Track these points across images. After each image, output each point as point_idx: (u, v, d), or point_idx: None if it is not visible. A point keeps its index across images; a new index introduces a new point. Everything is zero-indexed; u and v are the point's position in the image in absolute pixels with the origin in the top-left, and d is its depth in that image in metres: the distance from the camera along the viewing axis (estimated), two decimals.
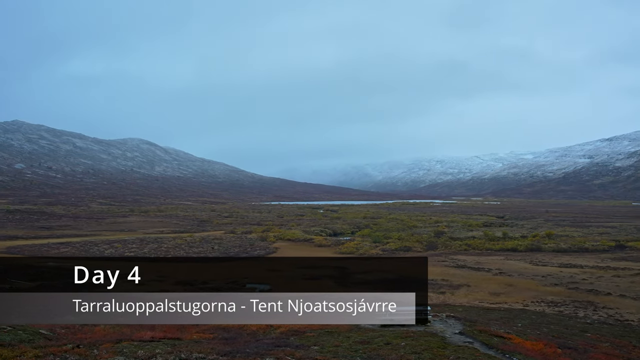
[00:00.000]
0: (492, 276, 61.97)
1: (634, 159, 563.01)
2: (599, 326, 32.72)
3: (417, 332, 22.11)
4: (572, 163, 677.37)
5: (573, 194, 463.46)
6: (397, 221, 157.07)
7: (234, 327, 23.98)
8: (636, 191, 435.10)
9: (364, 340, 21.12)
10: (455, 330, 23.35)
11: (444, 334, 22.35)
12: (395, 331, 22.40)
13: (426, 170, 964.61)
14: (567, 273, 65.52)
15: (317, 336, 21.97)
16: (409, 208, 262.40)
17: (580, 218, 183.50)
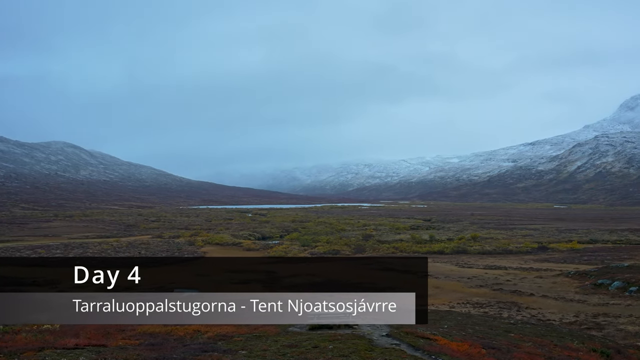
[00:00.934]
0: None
1: (555, 162, 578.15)
2: (522, 326, 33.45)
3: (344, 335, 22.23)
4: (496, 167, 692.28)
5: (497, 197, 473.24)
6: (326, 225, 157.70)
7: (161, 332, 23.70)
8: (557, 194, 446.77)
9: (292, 343, 21.12)
10: (383, 333, 23.55)
11: (371, 337, 22.52)
12: (323, 334, 22.47)
13: (354, 173, 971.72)
14: (492, 275, 66.83)
15: (245, 340, 21.86)
16: (337, 211, 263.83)
17: (504, 221, 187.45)
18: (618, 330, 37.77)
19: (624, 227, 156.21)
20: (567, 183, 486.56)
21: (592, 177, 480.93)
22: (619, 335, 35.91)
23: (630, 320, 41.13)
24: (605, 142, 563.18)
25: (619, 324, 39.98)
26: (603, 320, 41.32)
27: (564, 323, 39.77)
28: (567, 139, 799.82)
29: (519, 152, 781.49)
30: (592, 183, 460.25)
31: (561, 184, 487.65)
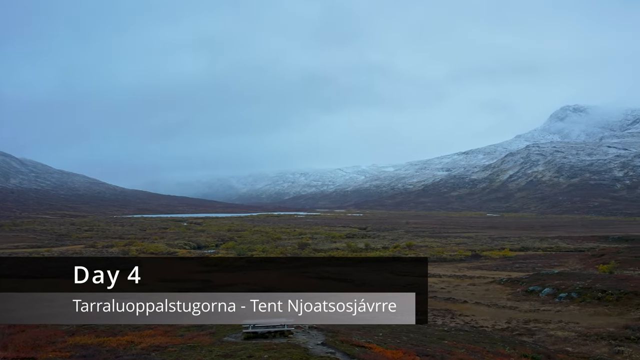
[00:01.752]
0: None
1: (488, 171, 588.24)
2: (455, 333, 33.89)
3: (279, 345, 22.17)
4: (431, 175, 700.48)
5: (432, 205, 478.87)
6: (262, 233, 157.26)
7: (93, 344, 23.26)
8: (490, 203, 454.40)
9: (227, 353, 20.98)
10: (318, 342, 23.57)
11: (306, 345, 22.51)
12: (258, 344, 22.36)
13: (291, 182, 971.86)
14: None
15: (179, 351, 21.62)
16: (273, 220, 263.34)
17: (438, 229, 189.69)
18: (548, 335, 38.55)
19: (554, 234, 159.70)
20: (499, 192, 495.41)
21: (524, 185, 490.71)
22: (549, 341, 36.67)
23: (560, 326, 42.05)
24: (536, 151, 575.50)
25: (549, 329, 40.82)
26: (534, 326, 42.14)
27: (496, 329, 40.42)
28: (499, 148, 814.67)
29: (453, 161, 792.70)
30: (523, 192, 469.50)
31: (494, 193, 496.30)
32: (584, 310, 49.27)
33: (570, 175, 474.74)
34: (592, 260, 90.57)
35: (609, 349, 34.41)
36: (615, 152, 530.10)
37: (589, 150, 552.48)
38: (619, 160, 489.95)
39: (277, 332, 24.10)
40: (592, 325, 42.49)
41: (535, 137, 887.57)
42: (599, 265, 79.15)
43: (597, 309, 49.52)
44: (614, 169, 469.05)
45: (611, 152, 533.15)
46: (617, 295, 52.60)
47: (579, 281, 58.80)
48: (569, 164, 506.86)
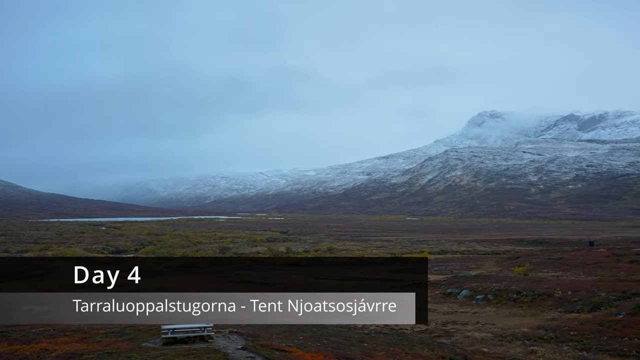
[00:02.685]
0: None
1: (407, 176, 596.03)
2: (375, 336, 34.19)
3: (199, 350, 21.96)
4: (351, 179, 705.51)
5: (353, 209, 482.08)
6: (182, 237, 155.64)
7: (5, 352, 22.58)
8: (409, 206, 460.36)
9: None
10: (238, 346, 23.44)
11: (226, 350, 22.36)
12: (177, 349, 22.09)
13: (212, 186, 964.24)
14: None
15: (95, 358, 21.18)
16: (194, 224, 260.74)
17: (359, 232, 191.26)
18: (465, 337, 39.28)
19: (471, 238, 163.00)
20: (419, 195, 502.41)
21: (443, 189, 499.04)
22: (466, 342, 37.35)
23: (477, 327, 42.91)
24: (454, 156, 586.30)
25: (466, 331, 41.61)
26: (452, 328, 42.89)
27: (415, 332, 40.97)
28: (419, 153, 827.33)
29: (373, 165, 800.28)
30: (442, 196, 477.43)
31: (413, 197, 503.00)
32: (500, 312, 50.43)
33: (487, 180, 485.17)
34: (508, 263, 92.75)
35: (524, 349, 35.27)
36: (530, 157, 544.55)
37: (505, 155, 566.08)
38: (533, 165, 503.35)
39: (197, 337, 23.87)
40: (507, 326, 43.51)
41: (453, 142, 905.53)
42: (514, 268, 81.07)
43: (513, 310, 50.75)
44: (528, 173, 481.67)
45: (526, 157, 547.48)
46: (531, 296, 54.03)
47: (495, 283, 60.19)
48: (486, 168, 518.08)
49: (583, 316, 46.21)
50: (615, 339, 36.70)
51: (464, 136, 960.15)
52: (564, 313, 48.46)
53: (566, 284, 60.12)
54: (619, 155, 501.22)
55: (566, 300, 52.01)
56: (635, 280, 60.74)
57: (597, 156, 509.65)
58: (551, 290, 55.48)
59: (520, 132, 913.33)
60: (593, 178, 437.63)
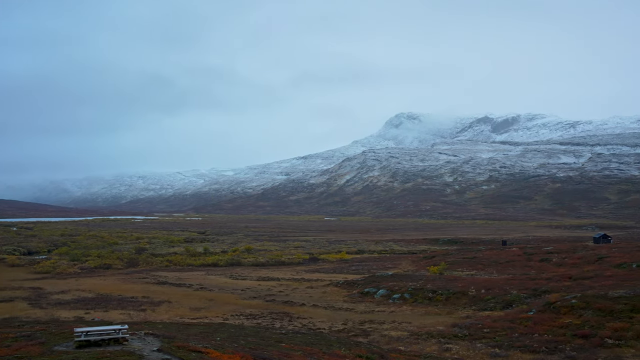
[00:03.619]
0: (193, 291, 62.27)
1: (325, 176, 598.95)
2: (293, 336, 34.17)
3: (113, 352, 21.48)
4: (270, 180, 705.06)
5: (271, 209, 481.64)
6: (97, 238, 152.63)
7: None
8: (328, 206, 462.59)
9: None
10: (154, 348, 23.04)
11: (141, 352, 21.95)
12: (90, 352, 21.56)
13: (128, 186, 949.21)
14: (265, 286, 67.79)
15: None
16: (110, 224, 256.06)
17: (277, 233, 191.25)
18: (382, 336, 39.63)
19: (388, 237, 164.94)
20: (337, 196, 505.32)
21: (360, 190, 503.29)
22: (383, 341, 37.69)
23: (393, 326, 43.36)
24: (372, 157, 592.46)
25: (383, 330, 41.99)
26: (369, 327, 43.21)
27: (333, 331, 41.09)
28: (337, 153, 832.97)
29: (292, 165, 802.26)
30: (360, 196, 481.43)
31: (331, 197, 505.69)
32: (416, 310, 51.12)
33: (404, 180, 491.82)
34: (424, 262, 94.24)
35: (439, 347, 35.82)
36: (445, 158, 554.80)
37: (421, 156, 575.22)
38: (449, 166, 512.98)
39: (112, 340, 23.33)
40: (423, 324, 44.11)
41: (371, 142, 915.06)
42: (430, 267, 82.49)
43: (428, 309, 51.52)
44: (444, 174, 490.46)
45: (442, 158, 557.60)
46: (446, 295, 55.00)
47: (411, 282, 61.03)
48: (403, 169, 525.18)
49: (496, 314, 47.27)
50: (526, 335, 37.66)
51: (381, 137, 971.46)
52: (478, 311, 49.47)
53: (480, 282, 61.45)
54: (531, 157, 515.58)
55: (480, 298, 53.12)
56: (546, 279, 62.53)
57: (510, 158, 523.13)
58: (465, 288, 56.60)
59: (436, 134, 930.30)
60: (506, 179, 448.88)
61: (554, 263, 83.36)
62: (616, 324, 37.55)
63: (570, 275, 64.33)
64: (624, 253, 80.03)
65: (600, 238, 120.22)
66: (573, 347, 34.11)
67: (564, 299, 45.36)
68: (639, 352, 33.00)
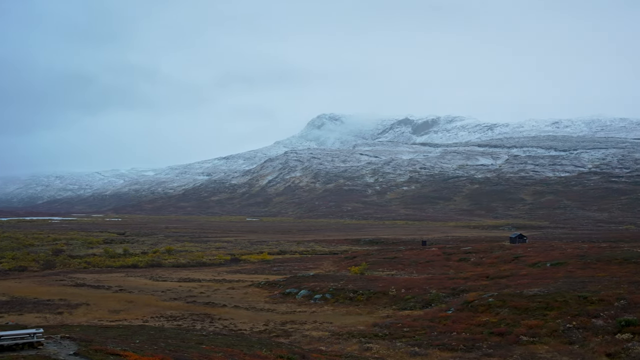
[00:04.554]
0: (112, 293, 61.24)
1: (248, 177, 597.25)
2: (214, 337, 33.94)
3: (27, 357, 20.93)
4: (191, 180, 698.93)
5: (193, 210, 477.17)
6: (12, 240, 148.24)
7: None
8: (250, 207, 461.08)
9: None
10: (70, 352, 22.57)
11: (57, 356, 21.46)
12: (3, 357, 20.98)
13: (45, 186, 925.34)
14: (186, 287, 67.19)
15: None
16: (25, 226, 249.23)
17: (199, 233, 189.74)
18: (304, 336, 39.78)
19: (310, 238, 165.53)
20: (259, 196, 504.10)
21: (282, 190, 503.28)
22: (304, 341, 37.83)
23: (315, 326, 43.57)
24: (294, 157, 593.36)
25: (304, 330, 42.15)
26: (290, 327, 43.31)
27: (254, 332, 41.03)
28: (259, 154, 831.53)
29: (213, 166, 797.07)
30: (282, 196, 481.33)
31: (253, 197, 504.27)
32: (337, 310, 51.48)
33: (325, 181, 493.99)
34: (345, 263, 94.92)
35: (359, 346, 36.16)
36: (367, 159, 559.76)
37: (343, 157, 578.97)
38: (370, 167, 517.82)
39: (26, 344, 22.70)
40: (344, 324, 44.45)
41: (293, 143, 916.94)
42: (351, 267, 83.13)
43: (349, 309, 51.96)
44: (365, 175, 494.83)
45: (363, 159, 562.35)
46: (367, 295, 55.55)
47: (333, 283, 61.41)
48: (324, 170, 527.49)
49: (415, 313, 48.02)
50: (445, 333, 38.38)
51: (304, 138, 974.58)
52: (398, 310, 50.15)
53: (400, 282, 62.30)
54: (450, 159, 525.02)
55: (400, 298, 53.86)
56: (464, 278, 63.84)
57: (430, 159, 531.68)
58: (386, 288, 57.28)
59: (358, 135, 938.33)
60: (426, 180, 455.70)
61: (472, 263, 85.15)
62: (531, 322, 38.66)
63: (487, 274, 65.86)
64: (538, 252, 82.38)
65: (516, 238, 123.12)
66: (490, 345, 34.96)
67: (481, 297, 46.41)
68: (552, 349, 34.04)
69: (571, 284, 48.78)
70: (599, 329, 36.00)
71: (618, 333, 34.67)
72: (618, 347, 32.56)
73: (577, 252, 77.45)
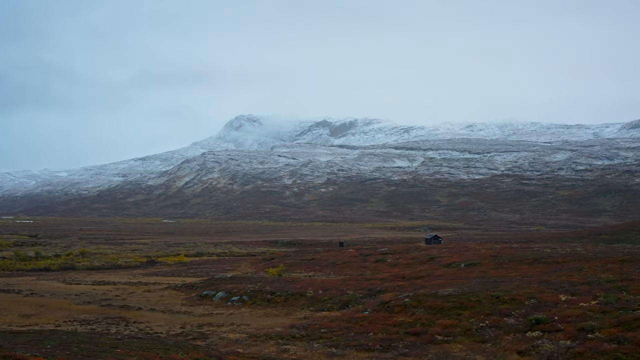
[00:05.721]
0: (22, 297, 59.53)
1: (164, 178, 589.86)
2: (129, 341, 33.38)
3: None
4: (107, 181, 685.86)
5: (108, 211, 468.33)
6: None
7: None
8: (166, 209, 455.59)
9: None
10: None
11: None
12: None
13: None
14: (101, 290, 65.90)
15: None
16: None
17: (114, 235, 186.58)
18: (221, 338, 39.55)
19: (227, 240, 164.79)
20: (176, 198, 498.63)
21: (200, 192, 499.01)
22: (221, 344, 37.61)
23: (232, 329, 43.38)
24: (211, 159, 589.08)
25: (221, 332, 41.91)
26: (207, 330, 43.00)
27: (170, 335, 40.58)
28: (176, 155, 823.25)
29: (129, 166, 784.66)
30: (199, 198, 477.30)
31: (170, 199, 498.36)
32: (255, 312, 51.40)
33: (243, 183, 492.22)
34: (263, 264, 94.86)
35: (277, 348, 36.18)
36: (285, 161, 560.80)
37: (261, 158, 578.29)
38: (288, 169, 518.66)
39: None
40: (262, 326, 44.40)
41: (211, 144, 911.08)
42: (269, 269, 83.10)
43: (267, 311, 51.93)
44: (283, 177, 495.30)
45: (281, 161, 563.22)
46: (284, 296, 55.63)
47: (250, 284, 61.29)
48: (242, 171, 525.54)
49: (333, 314, 48.33)
50: (362, 334, 38.75)
51: (221, 139, 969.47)
52: (316, 311, 50.38)
53: (318, 283, 62.61)
54: (367, 161, 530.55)
55: (317, 299, 54.11)
56: (381, 279, 64.62)
57: (348, 161, 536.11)
58: (304, 289, 57.48)
59: (276, 137, 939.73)
60: (343, 182, 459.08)
61: (388, 264, 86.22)
62: (445, 321, 39.43)
63: (403, 275, 66.84)
64: (452, 253, 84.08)
65: (432, 239, 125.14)
66: (406, 344, 35.46)
67: (397, 298, 47.06)
68: (466, 347, 34.80)
69: (484, 284, 49.95)
70: (510, 328, 36.98)
71: (529, 331, 35.66)
72: (528, 344, 33.50)
73: (490, 253, 79.36)
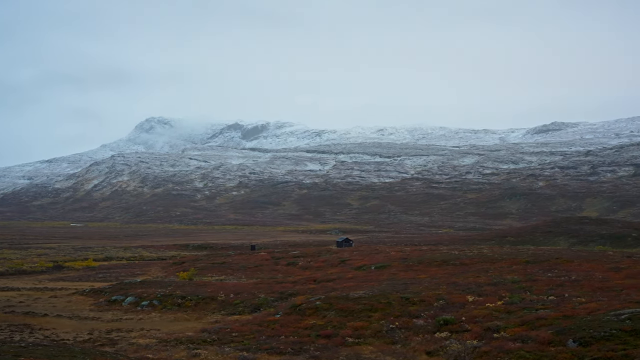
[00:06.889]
0: None
1: (72, 180, 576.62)
2: (33, 348, 32.54)
3: None
4: (11, 184, 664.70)
5: (12, 215, 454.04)
6: None
7: None
8: (74, 212, 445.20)
9: None
10: None
11: None
12: None
13: None
14: (4, 297, 63.95)
15: None
16: None
17: (18, 240, 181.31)
18: (130, 344, 39.01)
19: (137, 244, 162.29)
20: (84, 201, 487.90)
21: (109, 195, 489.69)
22: (130, 349, 37.11)
23: (142, 334, 42.84)
24: (121, 161, 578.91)
25: (131, 338, 41.33)
26: (116, 335, 42.33)
27: (78, 342, 39.78)
28: (84, 157, 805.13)
29: (35, 169, 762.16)
30: (108, 201, 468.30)
31: (78, 202, 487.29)
32: (165, 317, 50.88)
33: (154, 186, 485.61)
34: (174, 268, 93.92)
35: (188, 353, 35.92)
36: (196, 163, 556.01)
37: (172, 161, 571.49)
38: (199, 172, 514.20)
39: None
40: (172, 330, 44.00)
41: (121, 147, 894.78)
42: (179, 273, 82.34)
43: (177, 315, 51.49)
44: (195, 180, 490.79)
45: (193, 163, 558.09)
46: (195, 300, 55.25)
47: (160, 289, 60.61)
48: (153, 174, 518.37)
49: (244, 317, 48.29)
50: (274, 337, 38.90)
51: (131, 141, 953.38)
52: (227, 315, 50.24)
53: (229, 287, 62.45)
54: (279, 164, 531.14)
55: (229, 302, 53.96)
56: (292, 282, 64.98)
57: (260, 164, 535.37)
58: (215, 293, 57.20)
59: (187, 139, 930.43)
60: (255, 185, 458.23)
61: (300, 267, 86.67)
62: (356, 323, 39.98)
63: (315, 278, 67.34)
64: (363, 256, 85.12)
65: (343, 242, 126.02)
66: (317, 347, 35.79)
67: (308, 301, 47.40)
68: (376, 349, 35.38)
69: (394, 286, 50.85)
70: (419, 329, 37.81)
71: (437, 332, 36.56)
72: (437, 345, 34.34)
73: (400, 255, 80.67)
